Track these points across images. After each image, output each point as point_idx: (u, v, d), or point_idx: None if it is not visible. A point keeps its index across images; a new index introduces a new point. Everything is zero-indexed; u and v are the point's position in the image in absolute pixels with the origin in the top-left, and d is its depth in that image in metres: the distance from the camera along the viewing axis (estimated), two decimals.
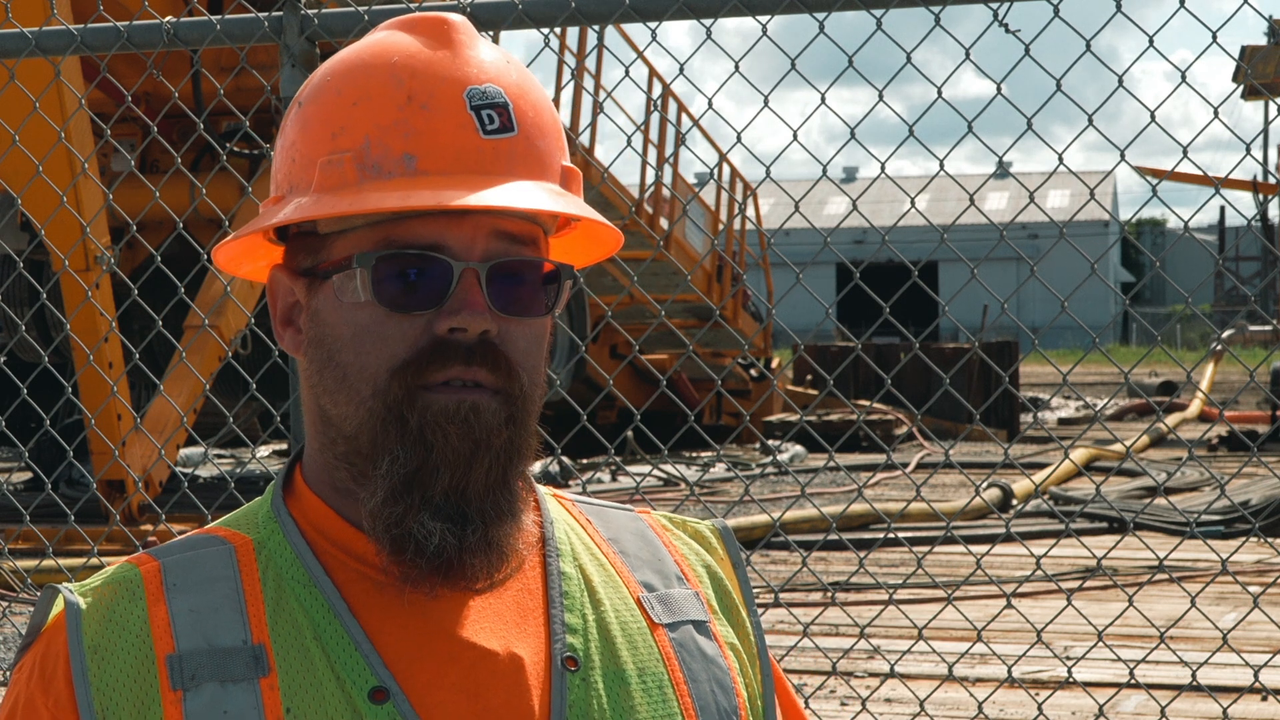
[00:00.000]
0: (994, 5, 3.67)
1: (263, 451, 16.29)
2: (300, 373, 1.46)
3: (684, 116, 16.14)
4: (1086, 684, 5.38)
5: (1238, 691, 4.51)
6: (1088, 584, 7.90)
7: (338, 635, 1.37)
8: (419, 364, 1.37)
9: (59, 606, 1.39)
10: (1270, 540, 4.73)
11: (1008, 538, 4.98)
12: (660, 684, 1.43)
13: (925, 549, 8.69)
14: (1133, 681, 5.02)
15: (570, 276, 1.45)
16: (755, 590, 8.24)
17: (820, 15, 3.80)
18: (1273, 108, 22.96)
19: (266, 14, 4.11)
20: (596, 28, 7.40)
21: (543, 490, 1.51)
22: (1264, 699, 5.71)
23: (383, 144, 1.37)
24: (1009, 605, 4.20)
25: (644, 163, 14.96)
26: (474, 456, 1.37)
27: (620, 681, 1.42)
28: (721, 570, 1.54)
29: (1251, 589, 6.19)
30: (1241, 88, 20.85)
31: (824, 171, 3.85)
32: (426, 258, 1.37)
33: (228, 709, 1.33)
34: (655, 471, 13.59)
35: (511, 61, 1.43)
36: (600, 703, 1.40)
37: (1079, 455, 14.29)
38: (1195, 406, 20.80)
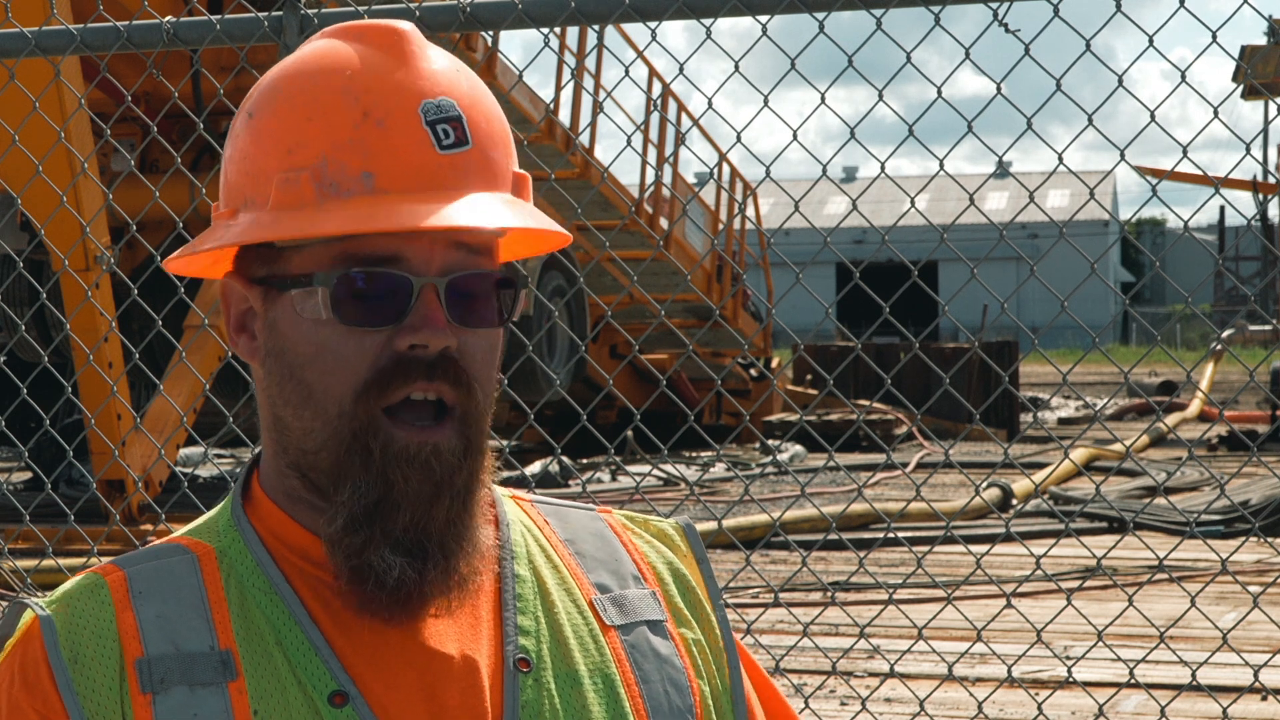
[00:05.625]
0: (993, 5, 3.67)
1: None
2: (257, 378, 1.46)
3: (683, 116, 16.14)
4: (1086, 684, 5.38)
5: (1238, 691, 4.51)
6: (1088, 584, 7.90)
7: (298, 641, 1.40)
8: (381, 383, 1.38)
9: (28, 619, 1.41)
10: (1270, 540, 4.73)
11: (1008, 538, 4.98)
12: (611, 684, 1.45)
13: (925, 549, 8.69)
14: (1133, 681, 5.02)
15: (525, 285, 1.47)
16: (755, 590, 8.25)
17: (820, 15, 3.80)
18: (1273, 108, 22.96)
19: (266, 14, 4.11)
20: (596, 28, 7.40)
21: (500, 492, 1.53)
22: (1264, 699, 5.71)
23: (339, 162, 1.38)
24: (1009, 605, 4.20)
25: (644, 163, 14.96)
26: (436, 497, 1.39)
27: (572, 682, 1.44)
28: (685, 567, 1.55)
29: (1251, 589, 6.18)
30: (1241, 87, 20.85)
31: (824, 171, 3.85)
32: (386, 275, 1.38)
33: (198, 712, 1.36)
34: (655, 471, 13.60)
35: (461, 70, 1.44)
36: (552, 703, 1.42)
37: (1079, 455, 14.29)
38: (1195, 406, 20.80)
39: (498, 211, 1.40)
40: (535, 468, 13.69)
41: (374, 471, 1.38)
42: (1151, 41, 3.58)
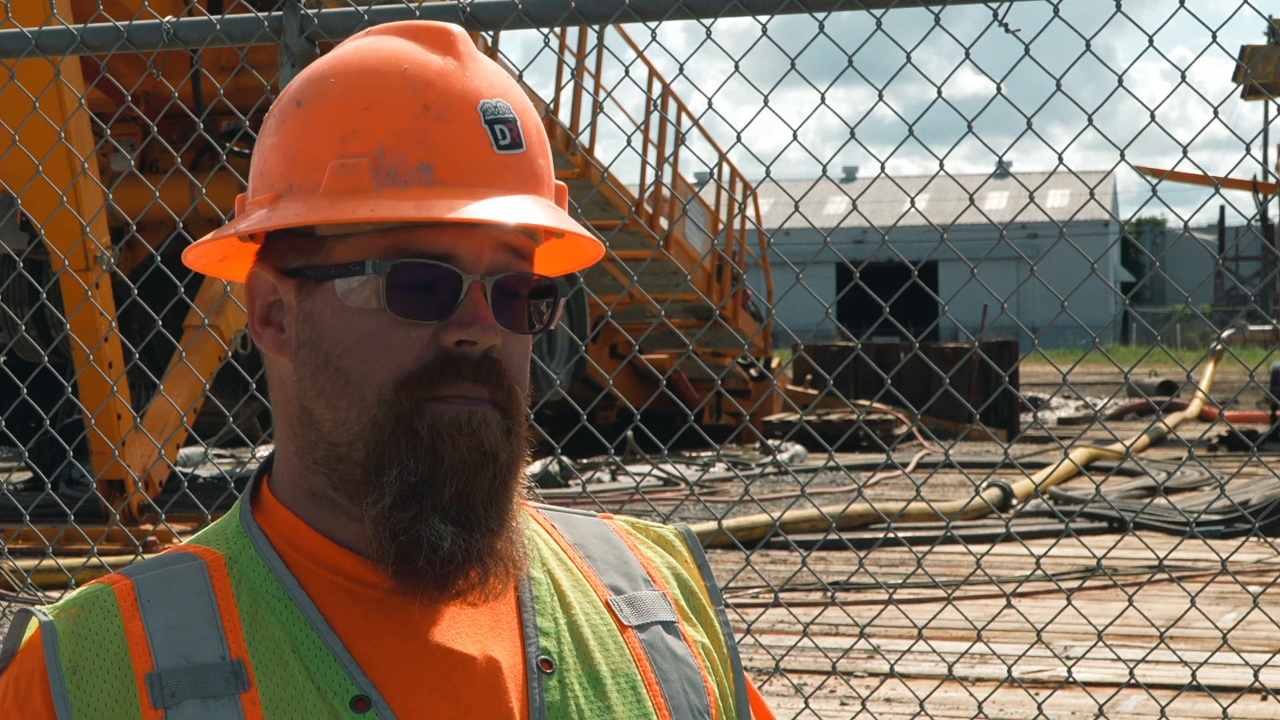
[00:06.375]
0: (993, 5, 3.67)
1: (262, 451, 16.30)
2: (277, 374, 1.44)
3: (683, 116, 16.14)
4: (1086, 684, 5.39)
5: (1238, 691, 4.51)
6: (1088, 584, 7.90)
7: (315, 647, 1.38)
8: (427, 378, 1.37)
9: (33, 628, 1.39)
10: (1270, 540, 4.73)
11: (1008, 537, 4.98)
12: (633, 684, 1.44)
13: (925, 549, 8.69)
14: (1133, 681, 5.02)
15: (564, 294, 1.46)
16: (755, 590, 8.25)
17: (820, 15, 3.80)
18: (1273, 108, 22.96)
19: (266, 14, 4.11)
20: (596, 28, 7.40)
21: None
22: (1264, 699, 5.71)
23: (399, 151, 1.37)
24: (1009, 605, 4.20)
25: (644, 162, 14.97)
26: (480, 466, 1.37)
27: (595, 683, 1.43)
28: (687, 573, 1.55)
29: (1251, 589, 6.19)
30: (1241, 87, 20.85)
31: (824, 171, 3.85)
32: (439, 268, 1.37)
33: None
34: (655, 471, 13.59)
35: (510, 77, 1.44)
36: (577, 703, 1.41)
37: (1079, 455, 14.29)
38: (1195, 406, 20.80)
39: (557, 216, 1.40)
40: (535, 468, 13.68)
41: (422, 450, 1.36)
42: (1151, 41, 3.58)
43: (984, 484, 11.23)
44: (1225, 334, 22.87)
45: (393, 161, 1.37)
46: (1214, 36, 3.47)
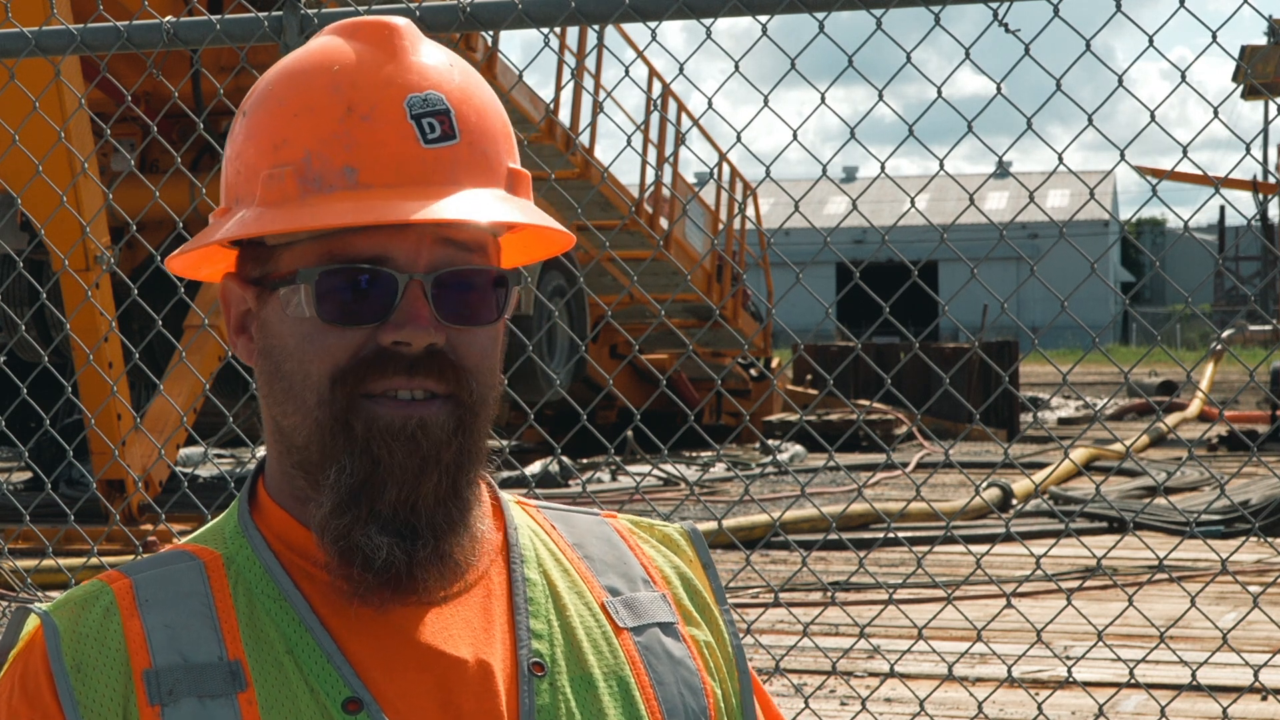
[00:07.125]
0: (993, 5, 3.67)
1: (262, 451, 16.27)
2: (259, 381, 1.46)
3: (683, 116, 16.13)
4: (1086, 684, 5.38)
5: (1238, 691, 4.51)
6: (1088, 584, 7.90)
7: (309, 648, 1.38)
8: (360, 371, 1.37)
9: (32, 626, 1.39)
10: (1270, 540, 4.73)
11: (1008, 537, 4.98)
12: (626, 687, 1.44)
13: (925, 549, 8.69)
14: (1133, 681, 5.02)
15: (517, 282, 1.45)
16: (755, 590, 8.25)
17: (820, 15, 3.80)
18: (1273, 108, 22.95)
19: (266, 14, 4.11)
20: (596, 28, 7.41)
21: (506, 496, 1.52)
22: (1264, 699, 5.71)
23: (323, 156, 1.37)
24: (1009, 605, 4.20)
25: (644, 162, 14.96)
26: (422, 471, 1.37)
27: (587, 686, 1.43)
28: (692, 572, 1.54)
29: (1251, 589, 6.18)
30: (1241, 87, 20.84)
31: (824, 171, 3.85)
32: (370, 271, 1.37)
33: None
34: (655, 471, 13.59)
35: (455, 64, 1.43)
36: (568, 707, 1.41)
37: (1079, 455, 14.29)
38: (1195, 406, 20.80)
39: (484, 206, 1.38)
40: (535, 468, 13.69)
41: (358, 449, 1.36)
42: (1151, 41, 3.58)
43: (984, 484, 11.23)
44: (1225, 334, 22.86)
45: (318, 167, 1.37)
46: (1214, 36, 3.47)
